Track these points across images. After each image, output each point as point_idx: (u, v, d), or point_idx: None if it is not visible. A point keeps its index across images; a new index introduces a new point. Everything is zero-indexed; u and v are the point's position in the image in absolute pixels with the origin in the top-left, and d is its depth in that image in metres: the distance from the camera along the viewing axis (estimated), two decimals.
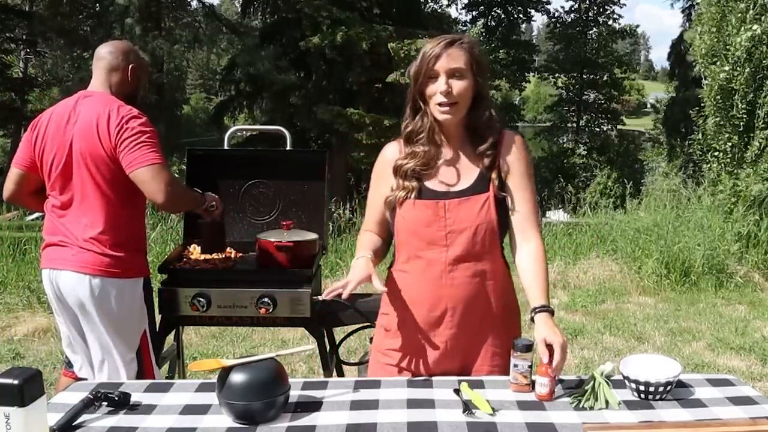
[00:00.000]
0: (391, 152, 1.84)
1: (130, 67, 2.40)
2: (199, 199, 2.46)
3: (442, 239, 1.73)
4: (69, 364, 2.53)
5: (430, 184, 1.77)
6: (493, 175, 1.75)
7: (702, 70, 7.22)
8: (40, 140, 2.36)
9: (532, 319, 1.69)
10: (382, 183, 1.83)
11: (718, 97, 7.03)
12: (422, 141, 1.77)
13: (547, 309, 1.68)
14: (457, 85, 1.70)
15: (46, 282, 2.37)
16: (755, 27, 6.64)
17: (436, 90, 1.70)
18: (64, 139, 2.30)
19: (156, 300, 2.46)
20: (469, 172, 1.77)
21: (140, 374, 2.38)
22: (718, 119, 7.08)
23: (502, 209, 1.76)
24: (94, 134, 2.25)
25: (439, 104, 1.71)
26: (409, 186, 1.76)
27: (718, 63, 7.02)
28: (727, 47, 6.88)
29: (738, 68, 6.81)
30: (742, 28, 6.73)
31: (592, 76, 29.06)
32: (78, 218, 2.30)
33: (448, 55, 1.69)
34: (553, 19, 29.59)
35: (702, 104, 7.34)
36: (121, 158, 2.24)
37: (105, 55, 2.39)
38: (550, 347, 1.60)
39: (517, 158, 1.78)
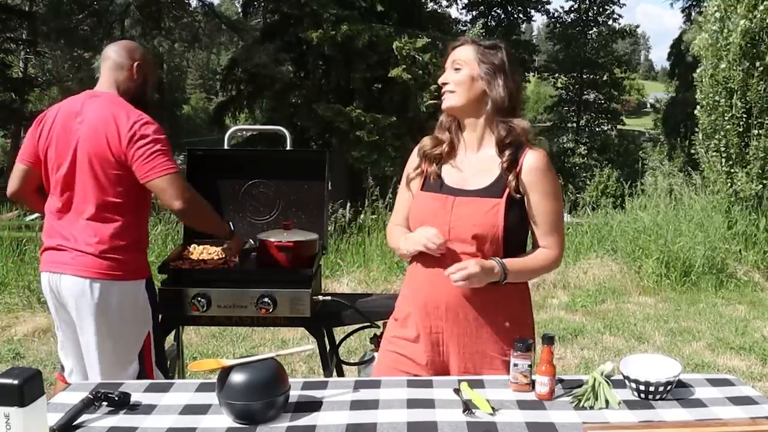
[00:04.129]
0: (422, 142, 1.94)
1: (135, 64, 2.35)
2: (224, 226, 2.47)
3: (445, 233, 1.75)
4: (63, 368, 2.51)
5: (447, 178, 1.84)
6: (511, 185, 1.77)
7: (704, 65, 7.20)
8: (45, 136, 2.31)
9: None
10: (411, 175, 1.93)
11: (710, 94, 7.03)
12: (445, 131, 1.88)
13: (502, 264, 1.72)
14: (452, 76, 1.81)
15: (45, 285, 2.33)
16: (743, 22, 6.63)
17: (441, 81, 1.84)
18: (69, 139, 2.26)
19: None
20: (486, 175, 1.80)
21: (141, 376, 2.34)
22: (713, 118, 7.08)
23: (515, 219, 1.77)
24: (103, 137, 2.20)
25: (441, 93, 1.83)
26: (428, 170, 1.86)
27: (715, 60, 7.01)
28: (727, 46, 6.87)
29: (734, 66, 6.80)
30: (739, 29, 6.72)
31: (592, 76, 29.12)
32: (78, 220, 2.26)
33: (454, 50, 1.84)
34: (553, 19, 29.63)
35: (699, 103, 7.34)
36: (134, 167, 2.21)
37: (110, 54, 2.36)
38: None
39: (539, 178, 1.78)
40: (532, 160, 1.79)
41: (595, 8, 28.80)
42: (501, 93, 1.79)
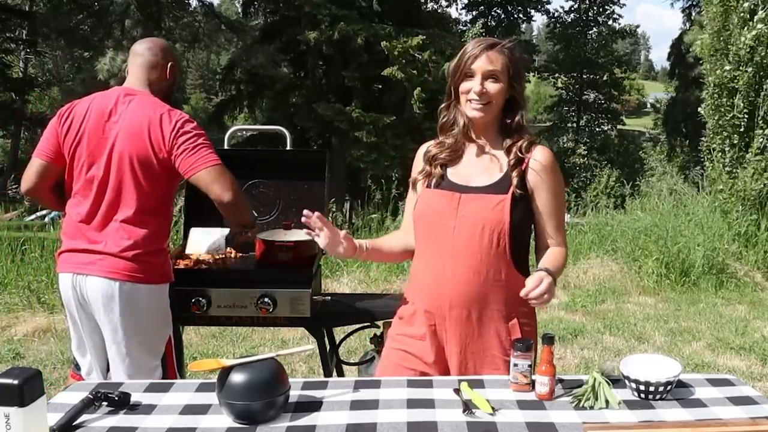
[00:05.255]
0: (427, 147, 1.92)
1: (168, 64, 2.34)
2: (252, 215, 2.42)
3: (450, 230, 1.76)
4: (77, 367, 2.46)
5: (453, 176, 1.83)
6: (515, 182, 1.76)
7: (707, 67, 7.21)
8: (73, 132, 2.23)
9: None
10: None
11: (716, 95, 7.04)
12: (451, 133, 1.85)
13: (549, 271, 1.69)
14: (492, 87, 1.76)
15: (65, 286, 2.25)
16: (760, 26, 6.63)
17: (470, 88, 1.76)
18: (103, 139, 2.20)
19: None
20: (492, 172, 1.80)
21: (163, 378, 2.30)
22: (717, 118, 7.09)
23: (520, 216, 1.77)
24: (145, 138, 2.17)
25: (470, 101, 1.77)
26: (433, 172, 1.84)
27: (717, 62, 7.03)
28: (729, 46, 6.88)
29: (740, 68, 6.81)
30: (746, 28, 6.72)
31: (592, 76, 29.09)
32: (108, 221, 2.21)
33: (487, 56, 1.76)
34: (553, 19, 29.60)
35: (703, 101, 7.35)
36: (178, 163, 2.18)
37: (143, 51, 2.32)
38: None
39: (546, 176, 1.79)
40: (540, 157, 1.79)
41: (595, 8, 28.78)
42: (526, 104, 1.82)
